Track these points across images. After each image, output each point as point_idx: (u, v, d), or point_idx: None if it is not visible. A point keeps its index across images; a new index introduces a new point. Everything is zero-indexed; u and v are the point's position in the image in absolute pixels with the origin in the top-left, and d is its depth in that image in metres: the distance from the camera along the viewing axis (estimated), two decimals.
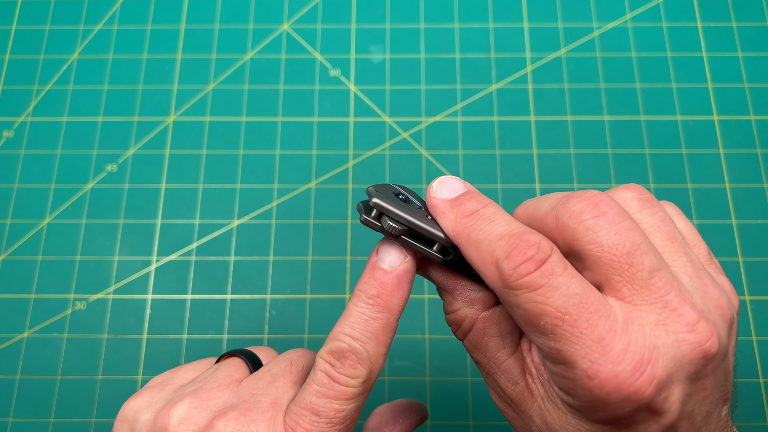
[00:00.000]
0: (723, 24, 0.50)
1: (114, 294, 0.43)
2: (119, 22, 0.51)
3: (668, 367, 0.18)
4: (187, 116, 0.48)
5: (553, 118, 0.47)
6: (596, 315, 0.18)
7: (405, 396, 0.40)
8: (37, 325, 0.43)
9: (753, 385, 0.40)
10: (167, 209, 0.45)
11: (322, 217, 0.45)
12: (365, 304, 0.23)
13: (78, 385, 0.41)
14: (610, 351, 0.18)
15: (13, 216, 0.45)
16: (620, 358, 0.18)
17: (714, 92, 0.48)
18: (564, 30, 0.50)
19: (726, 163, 0.46)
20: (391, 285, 0.23)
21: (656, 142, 0.46)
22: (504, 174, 0.46)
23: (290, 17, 0.51)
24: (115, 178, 0.46)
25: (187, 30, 0.51)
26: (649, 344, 0.18)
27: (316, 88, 0.49)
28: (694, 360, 0.18)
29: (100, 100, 0.48)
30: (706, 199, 0.45)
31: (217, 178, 0.46)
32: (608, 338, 0.18)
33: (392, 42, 0.50)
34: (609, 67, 0.49)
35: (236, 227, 0.45)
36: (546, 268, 0.19)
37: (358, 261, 0.44)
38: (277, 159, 0.47)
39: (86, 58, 0.50)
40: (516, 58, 0.49)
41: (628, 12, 0.50)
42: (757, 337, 0.41)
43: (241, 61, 0.49)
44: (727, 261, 0.43)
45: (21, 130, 0.48)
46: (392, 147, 0.47)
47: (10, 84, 0.49)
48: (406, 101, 0.48)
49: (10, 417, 0.41)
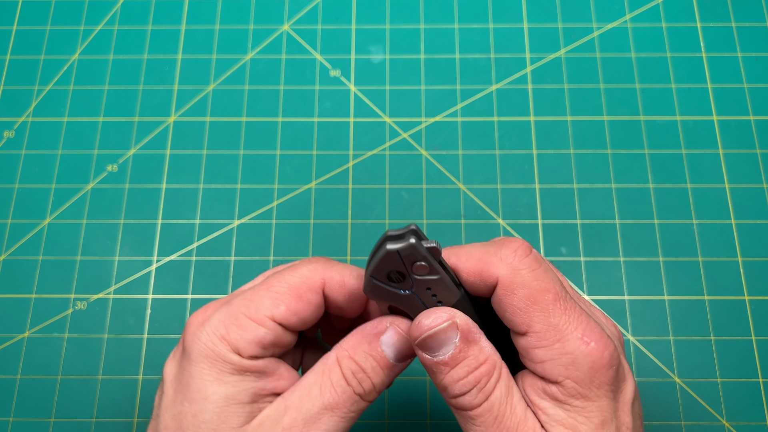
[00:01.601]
0: (722, 24, 0.50)
1: (114, 294, 0.43)
2: (120, 22, 0.51)
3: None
4: (188, 116, 0.48)
5: (552, 119, 0.47)
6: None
7: (404, 397, 0.40)
8: (38, 325, 0.43)
9: (753, 385, 0.40)
10: (168, 209, 0.45)
11: (322, 217, 0.45)
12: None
13: (78, 384, 0.42)
14: (589, 325, 0.23)
15: (14, 216, 0.45)
16: (597, 329, 0.23)
17: (713, 92, 0.48)
18: (564, 30, 0.50)
19: (725, 164, 0.46)
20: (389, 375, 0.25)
21: (656, 142, 0.46)
22: (504, 174, 0.46)
23: (290, 18, 0.51)
24: (115, 178, 0.46)
25: (187, 30, 0.51)
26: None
27: (317, 88, 0.49)
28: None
29: (100, 100, 0.49)
30: (705, 199, 0.45)
31: (218, 178, 0.46)
32: (584, 318, 0.23)
33: (392, 42, 0.50)
34: (608, 68, 0.49)
35: (237, 227, 0.45)
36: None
37: (358, 261, 0.44)
38: (277, 159, 0.47)
39: (87, 58, 0.50)
40: (516, 58, 0.49)
41: (627, 12, 0.50)
42: (756, 337, 0.41)
43: (241, 62, 0.50)
44: (727, 261, 0.43)
45: (22, 130, 0.48)
46: (392, 147, 0.47)
47: (10, 84, 0.49)
48: (406, 101, 0.48)
49: (10, 417, 0.41)
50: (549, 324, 0.22)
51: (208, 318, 0.24)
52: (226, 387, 0.22)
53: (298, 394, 0.23)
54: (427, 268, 0.22)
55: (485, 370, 0.22)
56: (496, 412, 0.22)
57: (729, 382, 0.41)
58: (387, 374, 0.24)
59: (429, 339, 0.22)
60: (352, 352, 0.24)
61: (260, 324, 0.23)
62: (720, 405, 0.40)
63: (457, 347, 0.22)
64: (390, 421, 0.40)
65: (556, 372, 0.22)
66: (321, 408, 0.23)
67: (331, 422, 0.23)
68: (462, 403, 0.22)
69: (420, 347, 0.23)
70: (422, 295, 0.23)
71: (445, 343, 0.22)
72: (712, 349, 0.41)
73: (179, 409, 0.23)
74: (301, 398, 0.23)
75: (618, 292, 0.43)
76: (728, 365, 0.41)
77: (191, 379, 0.23)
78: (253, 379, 0.23)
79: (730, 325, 0.42)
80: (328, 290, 0.25)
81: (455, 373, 0.22)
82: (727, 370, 0.41)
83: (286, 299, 0.24)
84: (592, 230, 0.44)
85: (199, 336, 0.23)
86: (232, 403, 0.22)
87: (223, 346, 0.23)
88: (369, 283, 0.23)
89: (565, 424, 0.22)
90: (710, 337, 0.41)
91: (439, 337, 0.22)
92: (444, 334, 0.22)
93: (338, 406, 0.23)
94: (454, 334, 0.22)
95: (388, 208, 0.45)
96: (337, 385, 0.23)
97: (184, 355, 0.23)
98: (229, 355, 0.23)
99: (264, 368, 0.23)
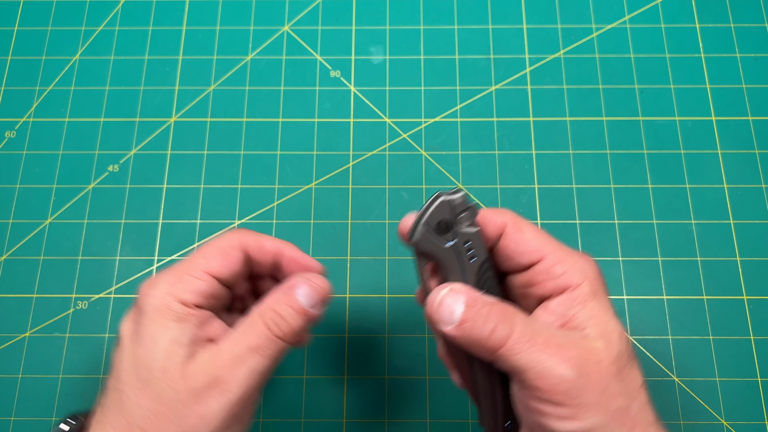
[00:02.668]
0: (721, 25, 0.50)
1: (116, 293, 0.44)
2: (121, 23, 0.51)
3: None
4: (189, 117, 0.48)
5: (552, 119, 0.47)
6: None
7: (404, 396, 0.41)
8: (39, 325, 0.43)
9: (751, 384, 0.41)
10: (169, 209, 0.45)
11: (322, 218, 0.45)
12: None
13: (80, 384, 0.42)
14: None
15: (15, 216, 0.45)
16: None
17: (712, 93, 0.48)
18: (563, 31, 0.50)
19: (724, 164, 0.46)
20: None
21: (654, 142, 0.47)
22: (503, 174, 0.46)
23: (291, 19, 0.51)
24: (116, 178, 0.46)
25: (188, 31, 0.51)
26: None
27: (317, 89, 0.49)
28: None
29: (101, 100, 0.49)
30: (704, 199, 0.45)
31: (219, 178, 0.46)
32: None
33: (392, 43, 0.50)
34: (608, 68, 0.49)
35: (237, 227, 0.45)
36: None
37: (358, 261, 0.44)
38: (277, 159, 0.47)
39: (88, 58, 0.50)
40: (515, 59, 0.49)
41: (626, 13, 0.51)
42: (754, 336, 0.42)
43: (242, 62, 0.50)
44: (725, 261, 0.43)
45: (23, 131, 0.48)
46: (392, 147, 0.47)
47: (12, 84, 0.49)
48: (405, 102, 0.48)
49: (11, 416, 0.41)
50: (558, 245, 0.28)
51: (157, 281, 0.29)
52: (171, 331, 0.27)
53: (227, 339, 0.28)
54: (471, 218, 0.28)
55: (500, 308, 0.26)
56: (531, 331, 0.25)
57: (728, 381, 0.41)
58: (303, 319, 0.29)
59: (440, 308, 0.27)
60: (271, 304, 0.29)
61: (198, 278, 0.29)
62: (719, 404, 0.40)
63: (465, 305, 0.26)
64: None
65: (576, 278, 0.27)
66: (246, 349, 0.28)
67: (255, 360, 0.27)
68: (496, 341, 0.25)
69: (441, 324, 0.27)
70: (460, 249, 0.28)
71: (454, 307, 0.26)
72: (711, 348, 0.41)
73: (135, 354, 0.27)
74: (230, 343, 0.28)
75: (617, 291, 0.43)
76: (727, 365, 0.41)
77: (144, 329, 0.28)
78: (192, 326, 0.28)
79: (728, 325, 0.42)
80: (249, 249, 0.31)
81: (475, 324, 0.26)
82: (725, 369, 0.41)
83: (217, 257, 0.30)
84: (591, 230, 0.44)
85: (151, 294, 0.28)
86: (175, 344, 0.27)
87: (170, 299, 0.28)
88: (420, 232, 0.28)
89: (595, 316, 0.27)
90: (709, 337, 0.42)
91: (447, 305, 0.27)
92: (450, 299, 0.27)
93: (261, 348, 0.28)
94: (459, 297, 0.27)
95: (388, 208, 0.45)
96: (259, 330, 0.28)
97: (139, 313, 0.28)
98: (175, 304, 0.28)
99: (202, 318, 0.28)
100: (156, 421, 0.26)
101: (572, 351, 0.25)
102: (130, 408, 0.27)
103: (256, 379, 0.27)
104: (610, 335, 0.26)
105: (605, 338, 0.26)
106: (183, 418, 0.26)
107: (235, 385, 0.27)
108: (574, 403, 0.24)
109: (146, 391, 0.27)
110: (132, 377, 0.27)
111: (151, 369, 0.27)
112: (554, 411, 0.25)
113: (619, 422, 0.25)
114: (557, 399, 0.24)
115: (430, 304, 0.27)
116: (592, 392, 0.25)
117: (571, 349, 0.25)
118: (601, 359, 0.25)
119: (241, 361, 0.27)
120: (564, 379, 0.24)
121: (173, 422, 0.26)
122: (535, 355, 0.25)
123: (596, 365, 0.25)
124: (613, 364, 0.25)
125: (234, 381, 0.27)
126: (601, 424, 0.24)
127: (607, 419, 0.25)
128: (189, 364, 0.27)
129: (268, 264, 0.32)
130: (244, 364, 0.27)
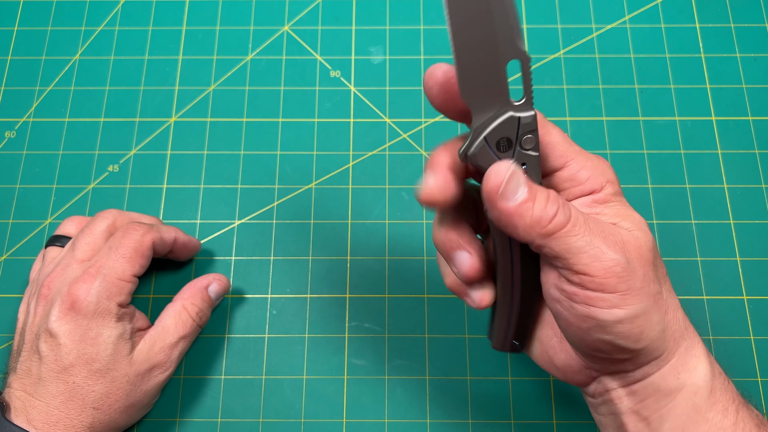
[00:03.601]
0: (721, 25, 0.50)
1: None
2: (121, 23, 0.51)
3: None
4: (189, 117, 0.48)
5: (552, 119, 0.47)
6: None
7: (404, 396, 0.41)
8: None
9: (751, 384, 0.41)
10: (168, 209, 0.45)
11: (322, 217, 0.45)
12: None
13: None
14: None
15: (15, 216, 0.46)
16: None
17: (712, 93, 0.48)
18: (562, 31, 0.50)
19: (724, 164, 0.46)
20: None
21: (654, 142, 0.47)
22: None
23: (291, 19, 0.51)
24: (116, 178, 0.46)
25: (188, 31, 0.51)
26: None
27: (317, 89, 0.49)
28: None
29: (101, 100, 0.49)
30: (704, 199, 0.45)
31: (219, 178, 0.46)
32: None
33: (392, 43, 0.50)
34: (607, 68, 0.49)
35: (237, 227, 0.45)
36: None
37: (358, 261, 0.44)
38: (277, 159, 0.47)
39: (88, 59, 0.50)
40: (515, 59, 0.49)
41: (626, 13, 0.51)
42: (754, 336, 0.42)
43: (242, 62, 0.50)
44: (725, 261, 0.43)
45: (23, 131, 0.48)
46: (392, 147, 0.47)
47: (12, 85, 0.49)
48: (406, 102, 0.48)
49: None
50: (581, 150, 0.28)
51: (91, 289, 0.34)
52: (114, 330, 0.35)
53: (161, 330, 0.37)
54: (534, 141, 0.26)
55: (555, 194, 0.26)
56: (583, 217, 0.26)
57: None
58: (211, 309, 0.41)
59: (508, 186, 0.25)
60: (192, 300, 0.39)
61: (128, 282, 0.35)
62: None
63: (527, 185, 0.25)
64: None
65: (600, 180, 0.28)
66: (178, 338, 0.37)
67: (184, 345, 0.38)
68: (558, 222, 0.25)
69: (502, 198, 0.26)
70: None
71: (518, 186, 0.25)
72: (711, 348, 0.41)
73: (82, 351, 0.34)
74: (164, 333, 0.37)
75: None
76: (727, 365, 0.41)
77: (89, 330, 0.34)
78: (127, 322, 0.36)
79: (728, 325, 0.42)
80: (155, 245, 0.37)
81: (538, 205, 0.25)
82: (725, 369, 0.41)
83: (138, 259, 0.36)
84: None
85: (91, 301, 0.34)
86: (120, 340, 0.35)
87: (109, 303, 0.34)
88: (480, 145, 0.25)
89: (621, 212, 0.28)
90: (709, 337, 0.42)
91: (513, 181, 0.25)
92: (515, 178, 0.25)
93: (188, 335, 0.38)
94: (520, 178, 0.26)
95: (388, 208, 0.45)
96: (187, 321, 0.38)
97: (78, 315, 0.34)
98: (114, 308, 0.35)
99: (131, 313, 0.36)
100: (107, 400, 0.34)
101: (620, 237, 0.26)
102: (84, 394, 0.33)
103: (182, 356, 0.38)
104: (641, 225, 0.27)
105: (639, 228, 0.27)
106: (131, 395, 0.35)
107: (171, 364, 0.37)
108: (624, 287, 0.25)
109: (100, 380, 0.34)
110: (83, 370, 0.34)
111: (103, 362, 0.34)
112: (602, 298, 0.25)
113: (656, 306, 0.26)
114: (608, 283, 0.25)
115: (495, 175, 0.25)
116: (638, 278, 0.25)
117: (619, 235, 0.26)
118: (641, 245, 0.26)
119: (174, 346, 0.37)
120: (618, 262, 0.25)
121: (123, 399, 0.35)
122: (590, 238, 0.25)
123: (638, 251, 0.26)
124: (651, 251, 0.27)
125: (170, 361, 0.37)
126: (645, 310, 0.25)
127: (650, 304, 0.26)
128: (133, 354, 0.35)
129: (164, 252, 0.39)
130: (176, 348, 0.37)
